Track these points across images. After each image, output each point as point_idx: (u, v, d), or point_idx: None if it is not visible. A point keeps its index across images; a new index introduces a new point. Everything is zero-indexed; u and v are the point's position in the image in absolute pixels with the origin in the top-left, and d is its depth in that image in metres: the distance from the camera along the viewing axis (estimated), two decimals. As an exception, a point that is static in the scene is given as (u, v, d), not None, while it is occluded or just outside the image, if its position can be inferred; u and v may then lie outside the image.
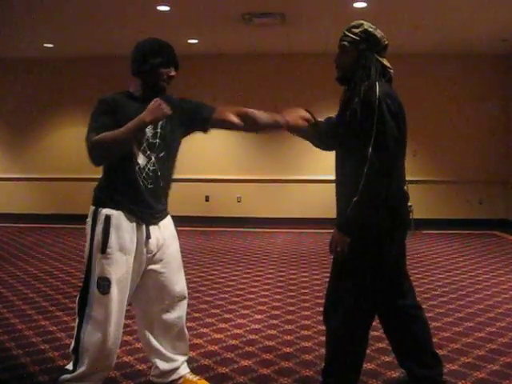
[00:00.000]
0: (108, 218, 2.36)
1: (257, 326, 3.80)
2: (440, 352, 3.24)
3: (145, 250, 2.47)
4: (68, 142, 10.02)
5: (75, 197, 9.55)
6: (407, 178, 2.58)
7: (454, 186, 9.38)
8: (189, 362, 2.86)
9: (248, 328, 3.76)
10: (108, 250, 2.34)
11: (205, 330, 3.70)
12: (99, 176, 2.49)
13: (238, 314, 4.12)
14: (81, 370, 2.38)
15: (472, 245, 7.51)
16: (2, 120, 10.22)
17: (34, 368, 2.99)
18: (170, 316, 2.62)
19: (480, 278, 5.32)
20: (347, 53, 2.52)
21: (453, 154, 9.34)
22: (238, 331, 3.69)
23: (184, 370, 2.75)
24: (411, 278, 5.23)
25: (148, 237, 2.46)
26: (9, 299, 4.47)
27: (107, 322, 2.37)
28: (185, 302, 2.69)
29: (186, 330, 2.73)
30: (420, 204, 8.82)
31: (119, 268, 2.37)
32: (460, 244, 7.58)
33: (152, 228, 2.48)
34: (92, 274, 2.37)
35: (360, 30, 2.49)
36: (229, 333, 3.66)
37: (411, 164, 8.77)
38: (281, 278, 5.31)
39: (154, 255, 2.51)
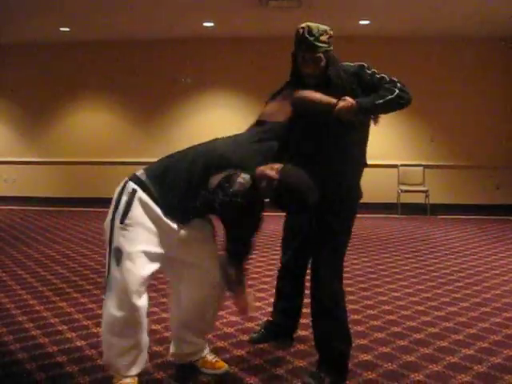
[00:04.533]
0: (134, 192, 2.34)
1: (272, 309, 3.81)
2: (456, 337, 3.25)
3: (177, 231, 2.43)
4: (86, 126, 10.08)
5: (94, 180, 9.63)
6: (424, 163, 2.61)
7: (471, 171, 9.28)
8: (205, 344, 2.89)
9: (264, 311, 3.79)
10: (127, 222, 2.31)
11: (221, 313, 3.71)
12: (118, 160, 2.50)
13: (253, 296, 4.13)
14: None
15: (488, 230, 7.46)
16: (20, 104, 10.28)
17: (52, 348, 3.05)
18: (203, 293, 2.59)
19: (496, 264, 5.29)
20: (320, 61, 2.50)
21: (469, 138, 9.22)
22: (254, 314, 3.70)
23: (205, 351, 2.80)
24: (426, 262, 5.25)
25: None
26: (27, 281, 4.54)
27: (123, 294, 2.30)
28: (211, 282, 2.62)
29: (212, 312, 2.72)
30: (436, 189, 8.77)
31: (134, 242, 2.31)
32: (476, 229, 7.53)
33: None
34: (111, 243, 2.34)
35: (327, 36, 2.50)
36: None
37: (428, 149, 8.61)
38: (296, 262, 5.31)
39: (187, 236, 2.48)
